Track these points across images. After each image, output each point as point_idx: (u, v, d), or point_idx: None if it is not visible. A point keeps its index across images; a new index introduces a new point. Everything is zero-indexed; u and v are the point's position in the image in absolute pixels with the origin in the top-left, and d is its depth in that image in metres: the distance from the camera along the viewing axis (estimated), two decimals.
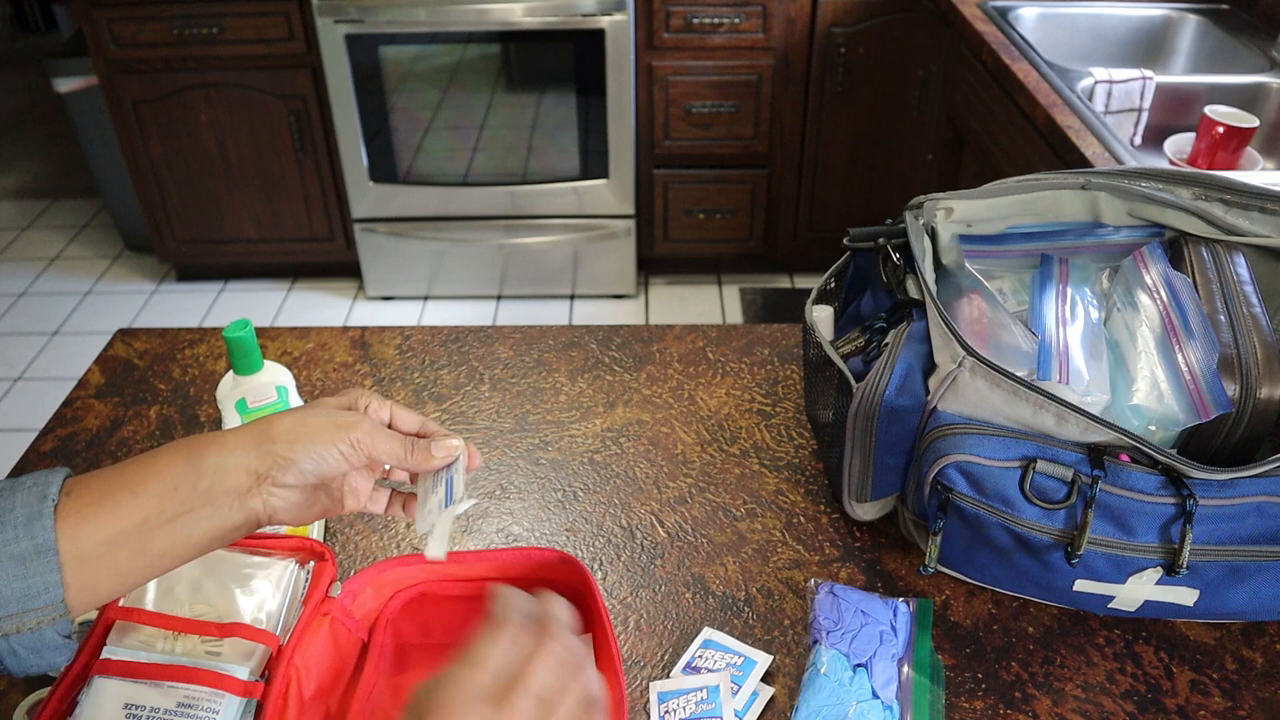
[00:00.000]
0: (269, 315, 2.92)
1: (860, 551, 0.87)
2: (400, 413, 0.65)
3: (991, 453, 0.73)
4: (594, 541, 0.89)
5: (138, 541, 0.55)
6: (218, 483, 0.57)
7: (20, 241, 3.33)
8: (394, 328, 1.16)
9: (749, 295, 2.95)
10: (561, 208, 2.77)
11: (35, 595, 0.52)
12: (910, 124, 2.66)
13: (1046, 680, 0.76)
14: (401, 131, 2.64)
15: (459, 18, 2.45)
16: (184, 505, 0.56)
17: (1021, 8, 2.06)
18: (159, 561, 0.57)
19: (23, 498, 0.53)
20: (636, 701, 0.74)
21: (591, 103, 2.58)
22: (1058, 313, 0.83)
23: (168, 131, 2.69)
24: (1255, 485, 0.70)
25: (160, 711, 0.65)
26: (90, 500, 0.55)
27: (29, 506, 0.53)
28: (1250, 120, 1.55)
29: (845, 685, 0.72)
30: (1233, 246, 0.85)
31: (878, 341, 0.84)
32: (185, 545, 0.57)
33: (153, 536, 0.55)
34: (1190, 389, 0.76)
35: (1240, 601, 0.72)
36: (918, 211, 0.89)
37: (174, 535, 0.56)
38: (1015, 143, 1.80)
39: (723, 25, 2.50)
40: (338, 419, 0.61)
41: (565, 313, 2.90)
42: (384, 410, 0.65)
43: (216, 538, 0.58)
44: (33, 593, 0.52)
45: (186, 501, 0.56)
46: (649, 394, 1.06)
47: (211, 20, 2.51)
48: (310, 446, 0.59)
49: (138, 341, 1.15)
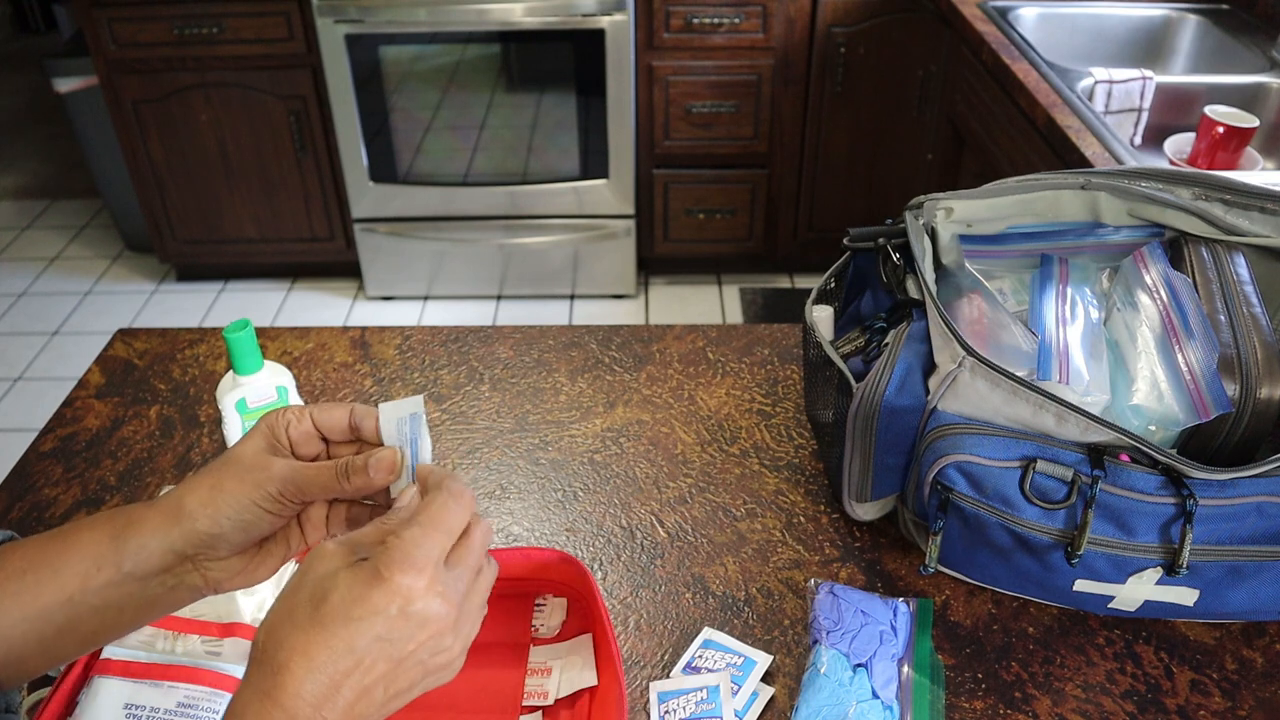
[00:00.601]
0: (269, 315, 2.92)
1: (860, 551, 0.87)
2: (322, 415, 0.57)
3: (991, 453, 0.73)
4: (594, 541, 0.89)
5: (64, 619, 0.52)
6: (141, 564, 0.53)
7: (20, 241, 3.33)
8: (394, 328, 1.16)
9: (749, 295, 2.95)
10: (561, 208, 2.77)
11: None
12: (910, 124, 2.66)
13: (1046, 680, 0.76)
14: (401, 131, 2.64)
15: (459, 18, 2.45)
16: (110, 584, 0.52)
17: (1021, 8, 2.06)
18: (93, 639, 0.54)
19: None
20: (636, 701, 0.74)
21: (591, 103, 2.58)
22: (1058, 313, 0.83)
23: (168, 131, 2.69)
24: (1255, 485, 0.70)
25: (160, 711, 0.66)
26: (12, 574, 0.52)
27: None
28: (1250, 120, 1.55)
29: (845, 685, 0.72)
30: (1233, 246, 0.85)
31: (878, 341, 0.84)
32: (117, 624, 0.54)
33: (79, 616, 0.52)
34: (1190, 389, 0.76)
35: (1240, 601, 0.73)
36: (918, 211, 0.89)
37: (103, 615, 0.53)
38: (1015, 143, 1.80)
39: (723, 25, 2.50)
40: (252, 475, 0.54)
41: (565, 313, 2.90)
42: (303, 422, 0.56)
43: (157, 613, 0.55)
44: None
45: (112, 580, 0.52)
46: (649, 394, 1.06)
47: (211, 20, 2.51)
48: (230, 515, 0.53)
49: (138, 341, 1.15)
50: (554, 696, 0.72)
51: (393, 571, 0.46)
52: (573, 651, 0.75)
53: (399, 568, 0.46)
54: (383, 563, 0.47)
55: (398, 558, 0.47)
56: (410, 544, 0.47)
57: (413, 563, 0.47)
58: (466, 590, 0.50)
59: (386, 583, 0.46)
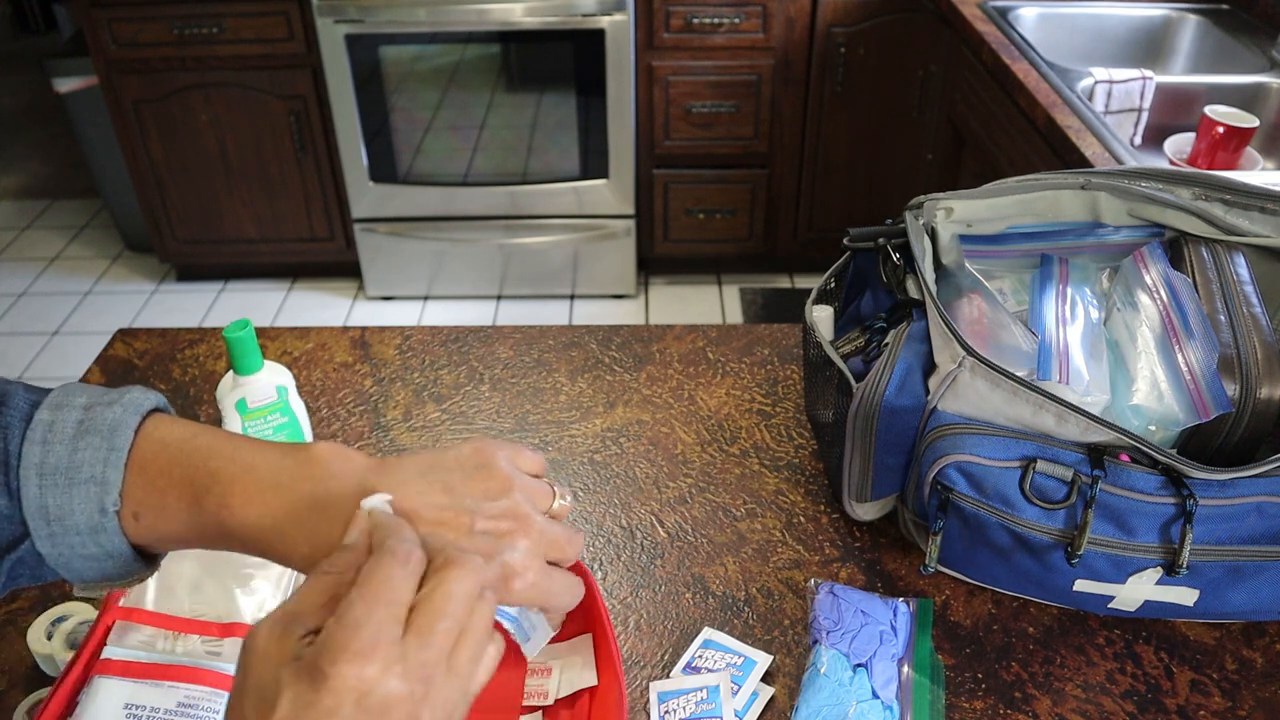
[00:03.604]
0: (269, 315, 2.92)
1: (860, 551, 0.87)
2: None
3: (991, 453, 0.73)
4: (594, 541, 0.89)
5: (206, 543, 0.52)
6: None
7: (20, 241, 3.33)
8: (394, 328, 1.17)
9: (749, 295, 2.95)
10: (561, 208, 2.77)
11: (114, 577, 0.52)
12: (910, 124, 2.66)
13: (1046, 680, 0.76)
14: (401, 131, 2.64)
15: (459, 18, 2.46)
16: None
17: (1021, 8, 2.06)
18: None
19: (81, 502, 0.49)
20: (636, 701, 0.74)
21: (591, 103, 2.58)
22: (1058, 313, 0.83)
23: (168, 131, 2.69)
24: (1255, 485, 0.70)
25: (160, 711, 0.66)
26: (153, 506, 0.50)
27: (89, 517, 0.49)
28: (1250, 120, 1.55)
29: (845, 685, 0.72)
30: (1233, 246, 0.85)
31: (878, 341, 0.84)
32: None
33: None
34: (1190, 389, 0.76)
35: (1240, 601, 0.73)
36: (918, 211, 0.89)
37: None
38: (1015, 143, 1.80)
39: (723, 25, 2.50)
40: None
41: (565, 313, 2.90)
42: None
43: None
44: (111, 575, 0.52)
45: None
46: (649, 394, 1.06)
47: (211, 20, 2.51)
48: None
49: (138, 341, 1.15)
50: (554, 696, 0.72)
51: (337, 666, 0.40)
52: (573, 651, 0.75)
53: (344, 659, 0.41)
54: (324, 658, 0.41)
55: (338, 647, 0.41)
56: (350, 629, 0.41)
57: (357, 651, 0.41)
58: (439, 656, 0.43)
59: (331, 680, 0.40)
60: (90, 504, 0.49)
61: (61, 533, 0.49)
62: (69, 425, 0.49)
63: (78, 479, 0.49)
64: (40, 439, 0.49)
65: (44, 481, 0.48)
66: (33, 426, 0.49)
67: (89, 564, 0.50)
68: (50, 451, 0.49)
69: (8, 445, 0.49)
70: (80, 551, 0.50)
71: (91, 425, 0.50)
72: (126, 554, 0.50)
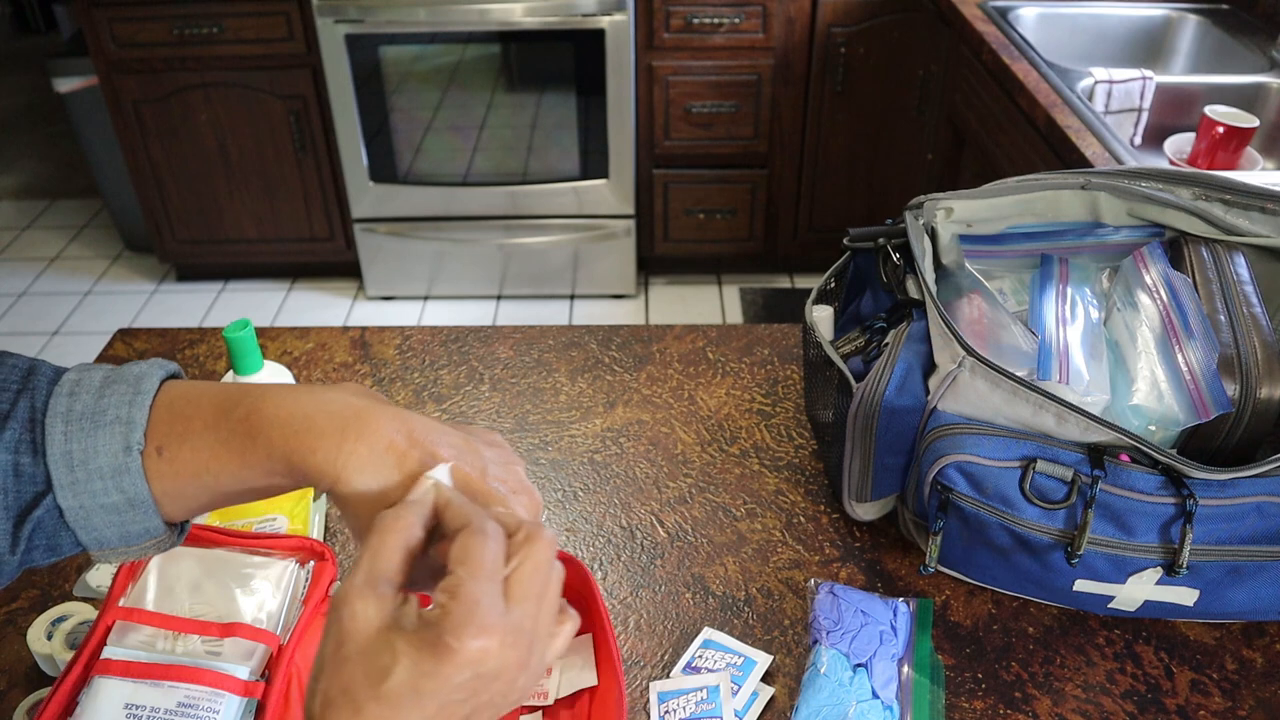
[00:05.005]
0: (269, 315, 2.92)
1: (860, 551, 0.87)
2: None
3: (991, 453, 0.73)
4: (594, 541, 0.89)
5: (226, 500, 0.53)
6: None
7: (20, 241, 3.33)
8: (394, 328, 1.17)
9: (749, 295, 2.95)
10: (561, 208, 2.77)
11: (133, 537, 0.52)
12: (910, 124, 2.66)
13: (1046, 680, 0.76)
14: (401, 131, 2.64)
15: (459, 18, 2.45)
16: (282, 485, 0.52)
17: (1021, 8, 2.06)
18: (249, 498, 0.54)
19: (105, 442, 0.50)
20: (636, 701, 0.74)
21: (591, 103, 2.58)
22: (1058, 313, 0.83)
23: (168, 131, 2.69)
24: (1255, 485, 0.70)
25: (160, 711, 0.65)
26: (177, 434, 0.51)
27: (113, 458, 0.50)
28: (1250, 120, 1.55)
29: (845, 685, 0.72)
30: (1233, 246, 0.85)
31: (878, 341, 0.84)
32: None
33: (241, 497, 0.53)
34: (1190, 389, 0.76)
35: (1240, 601, 0.73)
36: (918, 211, 0.89)
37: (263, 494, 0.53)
38: (1015, 143, 1.80)
39: (723, 25, 2.50)
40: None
41: (565, 313, 2.90)
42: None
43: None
44: (131, 535, 0.51)
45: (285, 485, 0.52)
46: (649, 394, 1.06)
47: (211, 20, 2.51)
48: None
49: (138, 342, 1.15)
50: (554, 696, 0.72)
51: (462, 641, 0.43)
52: (573, 651, 0.75)
53: (468, 634, 0.43)
54: (449, 633, 0.43)
55: (461, 622, 0.43)
56: (470, 606, 0.44)
57: (481, 625, 0.44)
58: (533, 624, 0.47)
59: (458, 653, 0.43)
60: (115, 443, 0.50)
61: (85, 479, 0.50)
62: (95, 379, 0.51)
63: (103, 421, 0.50)
64: (68, 392, 0.50)
65: (70, 428, 0.50)
66: (60, 384, 0.51)
67: (109, 519, 0.50)
68: (77, 401, 0.50)
69: (34, 403, 0.50)
70: (102, 500, 0.50)
71: (118, 376, 0.51)
72: (147, 501, 0.50)
